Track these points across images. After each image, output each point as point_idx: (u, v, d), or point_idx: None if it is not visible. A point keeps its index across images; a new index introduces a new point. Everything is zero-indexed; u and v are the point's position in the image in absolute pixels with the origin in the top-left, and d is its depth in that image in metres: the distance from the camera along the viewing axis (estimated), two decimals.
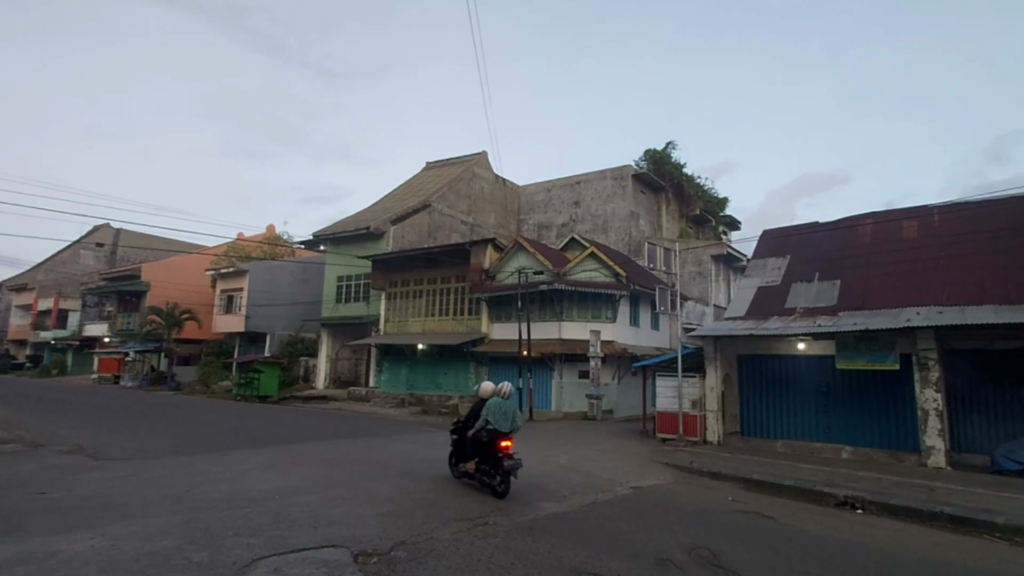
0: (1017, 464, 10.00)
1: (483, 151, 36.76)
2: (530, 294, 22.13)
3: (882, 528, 7.43)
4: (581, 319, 22.56)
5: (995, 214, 13.59)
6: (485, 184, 36.50)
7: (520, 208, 39.11)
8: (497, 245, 25.79)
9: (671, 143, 37.43)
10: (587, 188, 35.46)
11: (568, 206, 36.36)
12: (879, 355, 11.83)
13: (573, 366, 22.30)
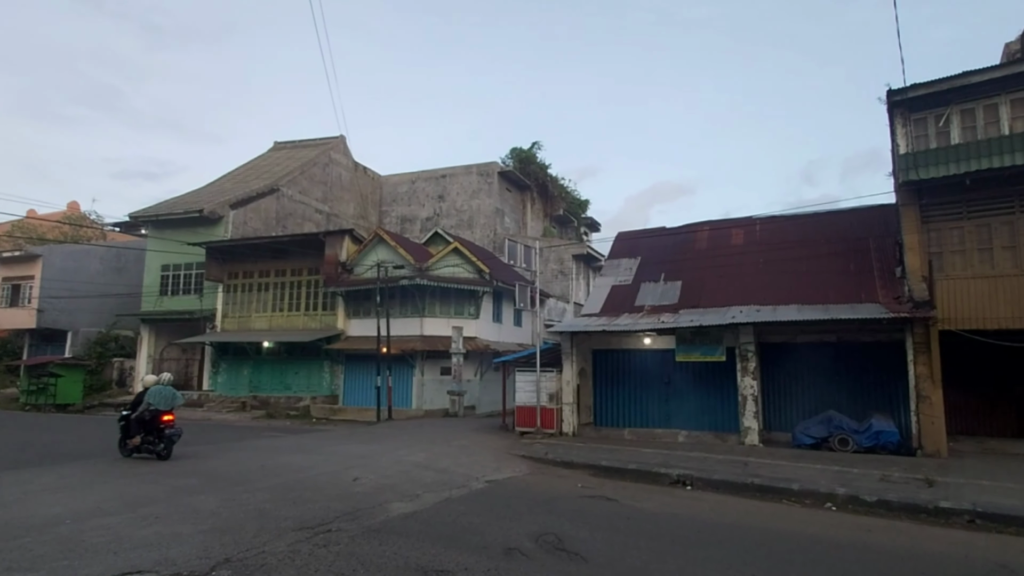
0: (811, 439, 12.02)
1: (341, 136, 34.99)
2: (391, 289, 21.61)
3: (706, 501, 8.41)
4: (444, 315, 22.55)
5: (803, 227, 16.17)
6: (343, 171, 34.83)
7: (382, 199, 37.99)
8: (356, 237, 24.79)
9: (537, 143, 38.90)
10: (453, 182, 35.52)
11: (433, 200, 36.12)
12: (710, 348, 13.47)
13: (435, 363, 22.21)
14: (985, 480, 8.70)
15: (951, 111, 12.06)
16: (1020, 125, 11.39)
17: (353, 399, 23.09)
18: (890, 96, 12.43)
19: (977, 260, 11.94)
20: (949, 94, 11.99)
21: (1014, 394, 13.05)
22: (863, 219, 15.08)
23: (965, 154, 11.63)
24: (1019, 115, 11.45)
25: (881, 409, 12.21)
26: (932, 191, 12.20)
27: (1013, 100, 11.53)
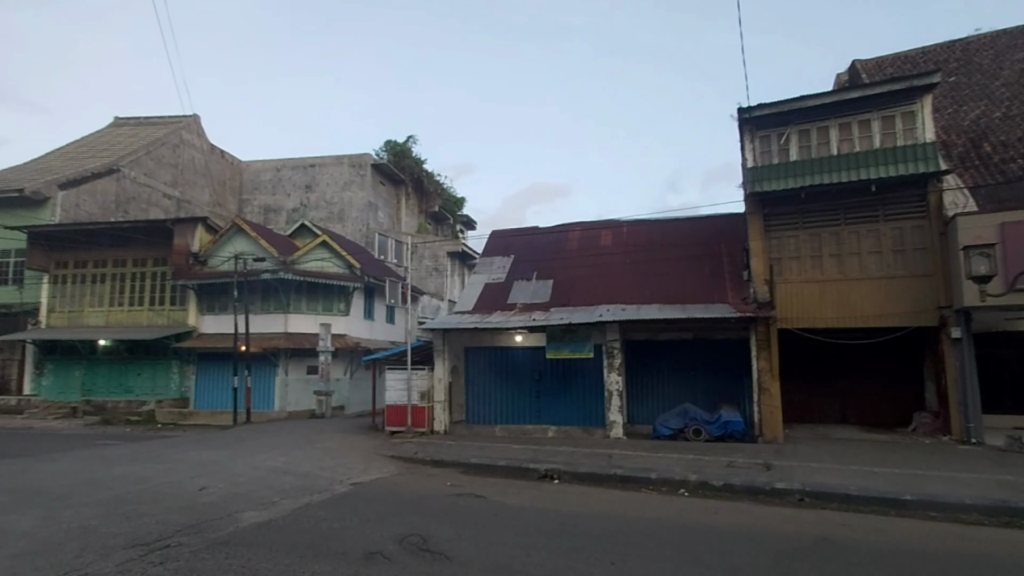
0: (669, 430, 12.67)
1: (194, 115, 31.47)
2: (251, 283, 19.79)
3: (571, 494, 8.40)
4: (311, 312, 21.11)
5: (666, 231, 17.16)
6: (197, 154, 31.32)
7: (243, 187, 34.83)
8: (211, 225, 22.45)
9: (412, 137, 38.01)
10: (322, 172, 33.51)
11: (300, 190, 33.81)
12: (579, 345, 13.73)
13: (301, 361, 20.71)
14: (813, 463, 9.62)
15: (791, 131, 13.41)
16: (846, 147, 12.93)
17: (206, 402, 20.88)
18: (740, 114, 13.55)
19: (810, 266, 13.38)
20: (789, 115, 13.32)
21: (838, 386, 14.86)
22: (717, 226, 16.35)
23: (801, 170, 12.98)
24: (845, 138, 13.00)
25: (730, 401, 13.20)
26: (774, 202, 13.48)
27: (841, 124, 13.07)
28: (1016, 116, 14.94)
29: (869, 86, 13.49)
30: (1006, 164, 13.50)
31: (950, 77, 17.23)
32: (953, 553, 5.61)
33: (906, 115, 12.56)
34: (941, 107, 15.81)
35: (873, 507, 7.29)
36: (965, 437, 11.42)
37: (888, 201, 12.83)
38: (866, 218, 13.02)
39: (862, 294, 12.69)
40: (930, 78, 12.52)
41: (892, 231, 12.86)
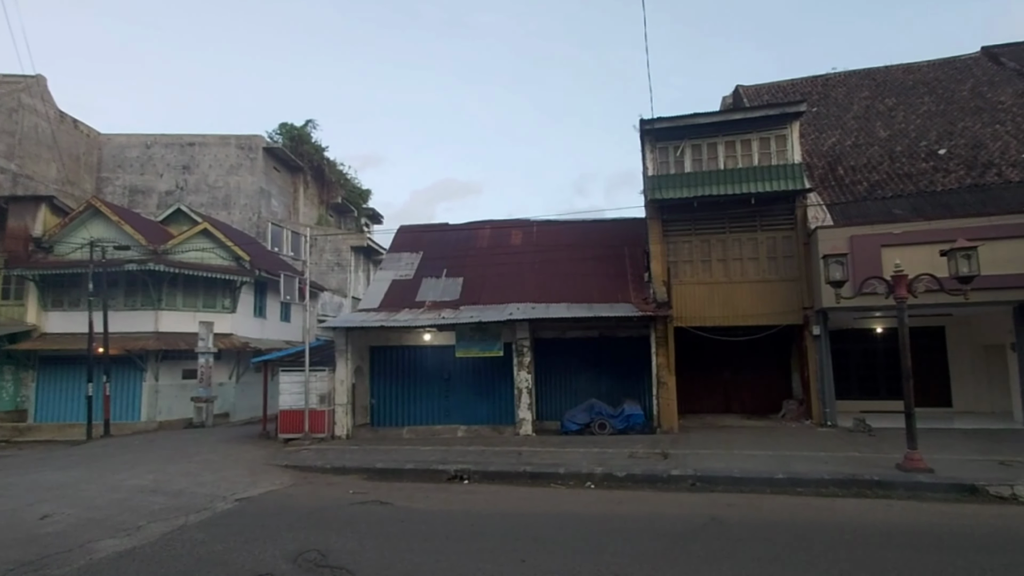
0: (576, 425, 13.22)
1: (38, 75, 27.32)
2: (112, 275, 17.72)
3: (481, 494, 8.50)
4: (189, 308, 19.32)
5: (574, 232, 17.86)
6: (42, 121, 27.13)
7: (102, 163, 30.35)
8: (58, 206, 19.82)
9: (311, 122, 35.57)
10: (204, 153, 30.27)
11: (176, 170, 30.18)
12: (489, 344, 13.89)
13: (175, 364, 18.88)
14: (703, 450, 10.54)
15: (685, 144, 14.55)
16: (731, 163, 14.28)
17: (51, 414, 18.39)
18: (642, 125, 14.49)
19: (700, 269, 14.61)
20: (684, 130, 14.45)
21: (722, 378, 16.34)
22: (621, 229, 17.33)
23: (694, 181, 14.14)
24: (731, 154, 14.34)
25: (632, 395, 14.05)
26: (671, 209, 14.56)
27: (727, 142, 14.40)
28: (862, 145, 17.35)
29: (750, 109, 15.02)
30: (855, 185, 15.63)
31: (812, 108, 19.62)
32: (815, 522, 6.43)
33: (779, 138, 14.13)
34: (805, 133, 17.91)
35: (753, 487, 8.16)
36: (823, 421, 13.11)
37: (765, 213, 14.37)
38: (747, 227, 14.48)
39: (743, 295, 14.11)
40: (798, 107, 14.19)
41: (767, 240, 14.42)
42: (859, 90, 20.70)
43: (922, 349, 13.92)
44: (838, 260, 9.40)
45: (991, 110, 17.35)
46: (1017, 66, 19.44)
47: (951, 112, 17.85)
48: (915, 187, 14.91)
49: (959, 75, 20.00)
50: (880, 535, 5.92)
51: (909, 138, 17.05)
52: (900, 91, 19.93)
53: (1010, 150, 15.31)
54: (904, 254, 10.47)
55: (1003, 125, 16.49)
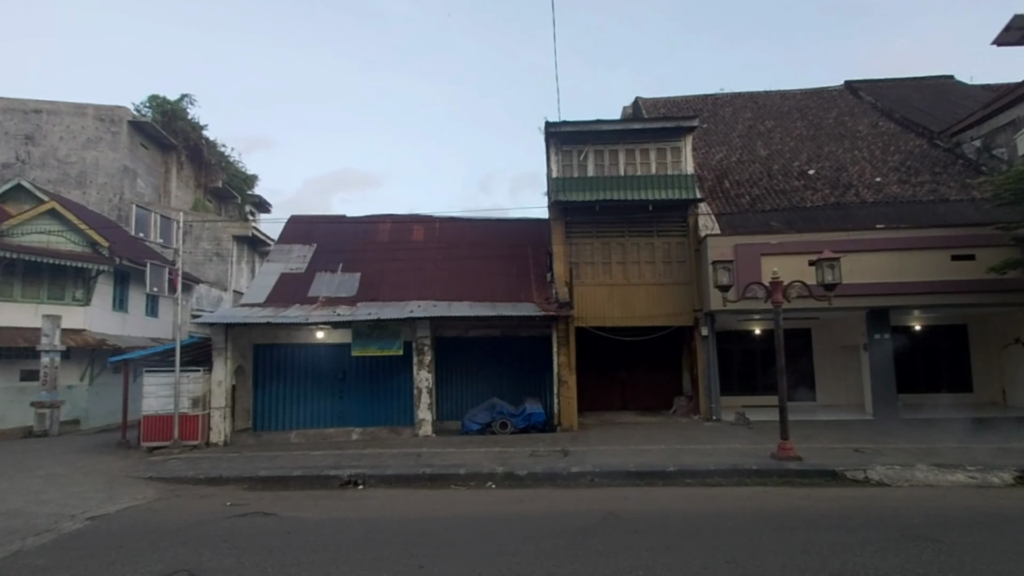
0: (478, 425, 13.17)
1: None
2: None
3: (377, 499, 8.14)
4: (30, 299, 16.94)
5: (478, 230, 17.84)
6: None
7: None
8: None
9: (188, 96, 32.19)
10: (54, 123, 26.27)
11: (17, 140, 26.10)
12: (388, 342, 13.46)
13: (11, 364, 16.50)
14: (601, 446, 10.91)
15: (588, 149, 15.06)
16: (631, 170, 14.99)
17: None
18: (547, 127, 14.82)
19: (601, 271, 15.18)
20: (588, 135, 14.96)
21: (619, 376, 17.08)
22: (525, 229, 17.57)
23: (596, 186, 14.67)
24: (630, 162, 15.06)
25: (534, 394, 14.25)
26: (574, 211, 14.99)
27: (627, 150, 15.10)
28: (746, 162, 18.99)
29: (649, 120, 15.90)
30: (739, 198, 17.05)
31: (703, 124, 21.17)
32: (703, 511, 6.83)
33: (674, 149, 15.06)
34: (697, 147, 19.24)
35: (647, 480, 8.55)
36: (709, 416, 14.12)
37: (661, 220, 15.23)
38: (645, 232, 15.27)
39: (640, 297, 14.85)
40: (691, 122, 15.23)
41: (663, 245, 15.30)
42: (743, 111, 22.66)
43: (793, 349, 15.45)
44: (725, 266, 10.11)
45: (851, 137, 19.73)
46: (872, 100, 22.30)
47: (819, 137, 20.06)
48: (789, 202, 16.54)
49: (826, 104, 22.57)
50: (758, 519, 6.40)
51: (784, 158, 18.91)
52: (778, 115, 22.09)
53: (866, 174, 17.48)
54: (780, 263, 11.51)
55: (860, 151, 18.81)
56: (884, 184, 16.78)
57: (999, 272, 12.30)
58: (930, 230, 13.62)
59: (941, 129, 19.05)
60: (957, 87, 23.50)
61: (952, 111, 20.18)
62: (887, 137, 19.52)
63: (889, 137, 19.50)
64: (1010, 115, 16.16)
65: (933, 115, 20.40)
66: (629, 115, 23.30)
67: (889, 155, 18.36)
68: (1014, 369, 15.14)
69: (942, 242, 13.27)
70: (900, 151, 18.51)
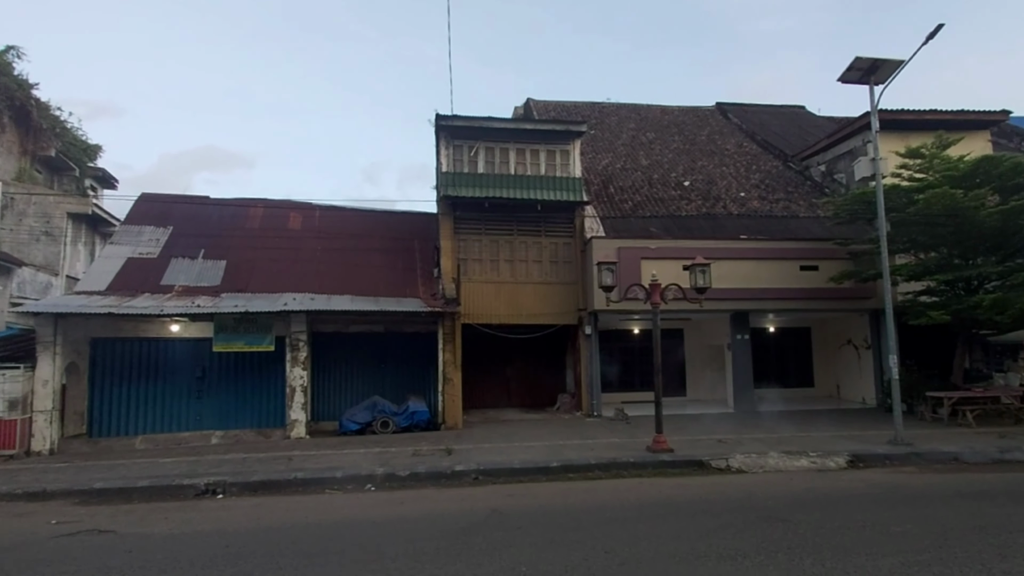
0: (357, 424, 12.63)
1: None
2: None
3: (240, 508, 7.47)
4: None
5: (362, 221, 17.12)
6: None
7: None
8: None
9: (14, 49, 27.66)
10: None
11: None
12: (257, 337, 12.47)
13: None
14: (486, 443, 10.95)
15: (479, 146, 15.08)
16: (521, 169, 15.24)
17: None
18: (438, 120, 14.62)
19: (489, 268, 15.26)
20: (479, 131, 14.97)
21: (505, 374, 17.30)
22: (413, 222, 17.19)
23: (486, 183, 14.73)
24: (520, 161, 15.31)
25: (418, 392, 13.96)
26: (464, 207, 14.93)
27: (518, 149, 15.34)
28: (629, 169, 20.15)
29: (540, 122, 16.29)
30: (622, 203, 18.03)
31: (591, 130, 22.15)
32: (584, 504, 7.08)
33: (563, 152, 15.57)
34: (585, 152, 20.06)
35: (531, 476, 8.70)
36: (591, 412, 14.76)
37: (549, 220, 15.66)
38: (533, 232, 15.60)
39: (527, 295, 15.15)
40: (580, 127, 15.85)
41: (550, 245, 15.74)
42: (627, 121, 24.04)
43: (668, 348, 16.63)
44: (609, 268, 10.59)
45: (720, 155, 21.70)
46: (739, 123, 24.71)
47: (694, 152, 21.82)
48: (667, 210, 17.79)
49: (700, 122, 24.63)
50: (634, 509, 6.76)
51: (664, 169, 20.33)
52: (658, 128, 23.71)
53: (732, 188, 19.30)
54: (658, 266, 12.31)
55: (728, 168, 20.74)
56: (747, 199, 18.63)
57: (837, 282, 14.17)
58: (783, 243, 15.33)
59: (794, 153, 21.60)
60: (808, 116, 26.81)
61: (803, 138, 22.96)
62: (750, 157, 21.72)
63: (752, 157, 21.72)
64: (848, 145, 18.71)
65: (788, 140, 23.07)
66: (521, 116, 23.74)
67: (751, 173, 20.44)
68: (846, 367, 17.54)
69: (792, 253, 15.01)
70: (760, 170, 20.69)
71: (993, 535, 5.48)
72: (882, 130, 12.26)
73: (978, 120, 17.01)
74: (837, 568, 4.70)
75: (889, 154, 13.90)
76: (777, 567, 4.76)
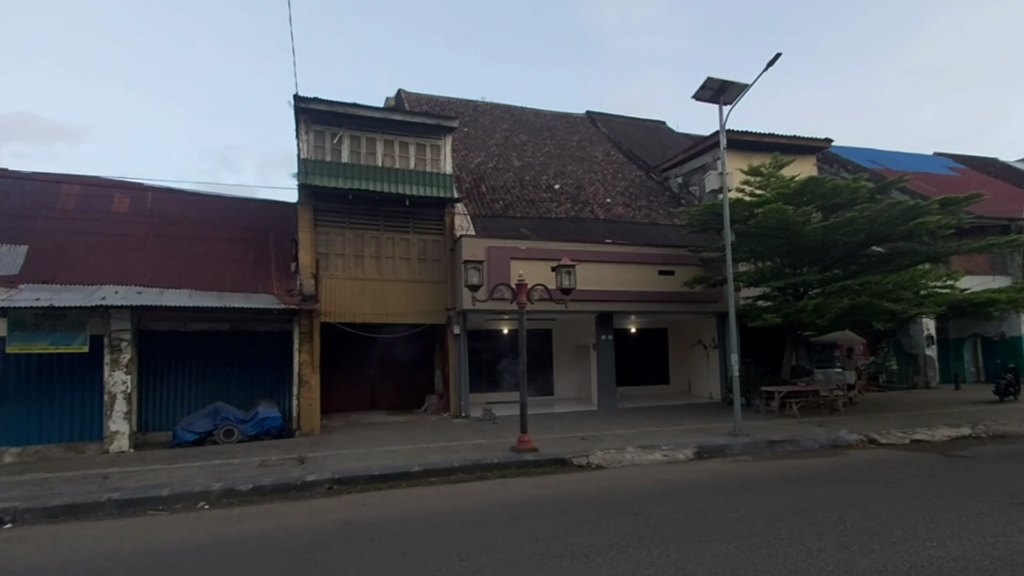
0: (194, 434, 11.32)
1: None
2: None
3: (33, 539, 6.31)
4: None
5: (207, 207, 15.50)
6: None
7: None
8: None
9: None
10: None
11: None
12: (67, 336, 10.77)
13: None
14: (345, 449, 10.35)
15: (344, 133, 14.34)
16: (389, 162, 14.74)
17: None
18: (297, 102, 13.67)
19: (353, 264, 14.56)
20: (344, 118, 14.23)
21: (369, 375, 16.64)
22: (268, 211, 15.88)
23: (351, 173, 14.04)
24: (389, 153, 14.80)
25: (270, 396, 12.88)
26: (326, 198, 14.09)
27: (387, 140, 14.82)
28: (501, 169, 20.42)
29: (410, 114, 15.89)
30: (494, 203, 18.20)
31: (464, 128, 22.13)
32: (445, 509, 6.90)
33: (434, 147, 15.33)
34: (457, 149, 19.97)
35: (390, 482, 8.34)
36: (459, 413, 14.65)
37: (418, 216, 15.32)
38: (401, 228, 15.17)
39: (394, 294, 14.68)
40: (452, 122, 15.72)
41: (419, 242, 15.40)
42: (501, 122, 24.40)
43: (536, 348, 17.07)
44: (476, 266, 10.53)
45: (589, 161, 22.78)
46: (607, 132, 26.15)
47: (564, 156, 22.68)
48: (537, 212, 18.26)
49: (571, 128, 25.69)
50: (494, 512, 6.72)
51: (535, 171, 20.87)
52: (531, 130, 24.33)
53: (599, 194, 20.32)
54: (527, 267, 12.50)
55: (596, 174, 21.82)
56: (613, 205, 19.72)
57: (690, 286, 15.44)
58: (644, 248, 16.38)
59: (655, 164, 23.30)
60: (668, 132, 29.11)
61: (663, 151, 24.86)
62: (616, 165, 23.06)
63: (618, 166, 23.07)
64: (702, 160, 20.57)
65: (650, 152, 24.85)
66: (392, 107, 23.08)
67: (617, 181, 21.70)
68: (697, 365, 19.21)
69: (652, 259, 16.10)
70: (625, 179, 22.04)
71: (811, 516, 6.18)
72: (729, 148, 13.63)
73: (807, 146, 19.64)
74: (680, 557, 4.99)
75: (735, 170, 15.46)
76: (627, 561, 4.94)
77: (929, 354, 20.10)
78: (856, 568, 4.64)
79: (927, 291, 13.67)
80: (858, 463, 9.15)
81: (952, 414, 13.35)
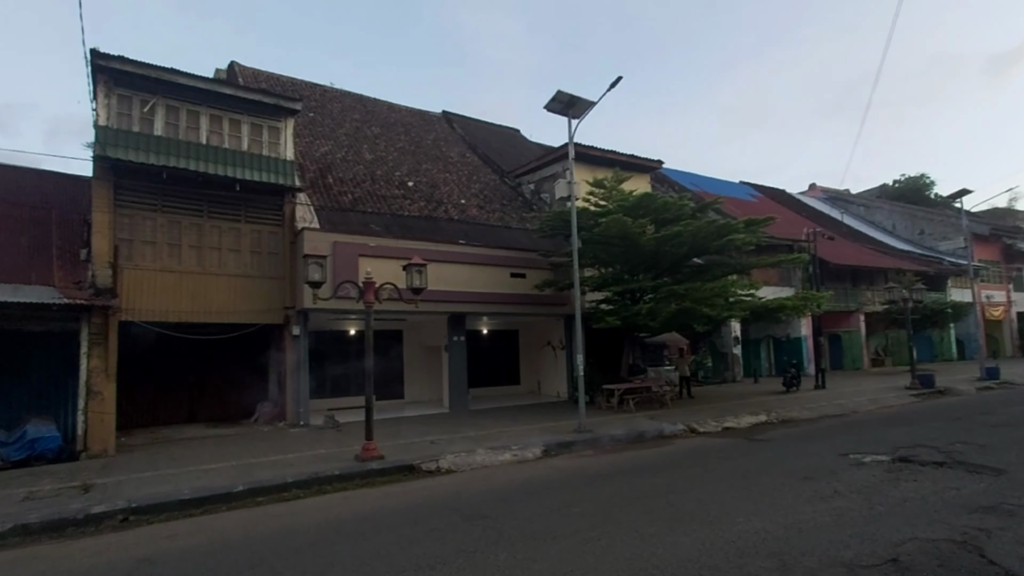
0: None
1: None
2: None
3: None
4: None
5: None
6: None
7: None
8: None
9: None
10: None
11: None
12: None
13: None
14: (148, 472, 8.77)
15: (158, 101, 12.43)
16: (216, 140, 13.08)
17: None
18: (95, 58, 11.55)
19: (167, 254, 12.62)
20: (158, 84, 12.34)
21: (187, 382, 14.53)
22: (51, 186, 13.18)
23: (165, 148, 12.19)
24: (216, 131, 13.14)
25: (45, 412, 10.55)
26: (131, 175, 12.06)
27: (213, 116, 13.14)
28: (351, 161, 19.33)
29: (244, 89, 14.32)
30: (342, 196, 17.12)
31: (310, 112, 20.63)
32: (272, 534, 6.04)
33: (273, 129, 13.96)
34: (300, 135, 18.53)
35: (205, 507, 7.18)
36: (297, 421, 13.36)
37: (251, 204, 13.80)
38: (230, 216, 13.53)
39: (220, 290, 13.01)
40: (294, 104, 14.48)
41: (252, 233, 13.87)
42: (352, 111, 23.19)
43: (385, 349, 16.30)
44: (318, 262, 9.66)
45: (444, 161, 22.51)
46: (463, 134, 26.12)
47: (419, 154, 22.15)
48: (389, 209, 17.52)
49: (427, 126, 25.24)
50: (332, 530, 6.04)
51: (388, 166, 20.07)
52: (385, 124, 23.45)
53: (454, 194, 20.11)
54: (376, 265, 11.78)
55: (451, 175, 21.60)
56: (467, 206, 19.63)
57: (540, 289, 15.81)
58: (497, 250, 16.46)
59: (509, 170, 23.72)
60: (521, 139, 29.92)
61: (517, 158, 25.42)
62: (471, 168, 23.07)
63: (473, 168, 23.09)
64: (552, 169, 21.35)
65: (504, 157, 25.26)
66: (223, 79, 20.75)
67: (472, 183, 21.68)
68: (546, 365, 19.76)
69: (505, 261, 16.23)
70: (480, 181, 22.11)
71: (644, 503, 6.49)
72: (577, 160, 14.28)
73: (643, 164, 21.37)
74: (527, 557, 4.86)
75: (582, 181, 16.19)
76: (474, 568, 4.66)
77: (736, 353, 23.18)
78: (681, 548, 4.92)
79: (735, 298, 15.61)
80: (682, 451, 9.95)
81: (752, 404, 15.32)
